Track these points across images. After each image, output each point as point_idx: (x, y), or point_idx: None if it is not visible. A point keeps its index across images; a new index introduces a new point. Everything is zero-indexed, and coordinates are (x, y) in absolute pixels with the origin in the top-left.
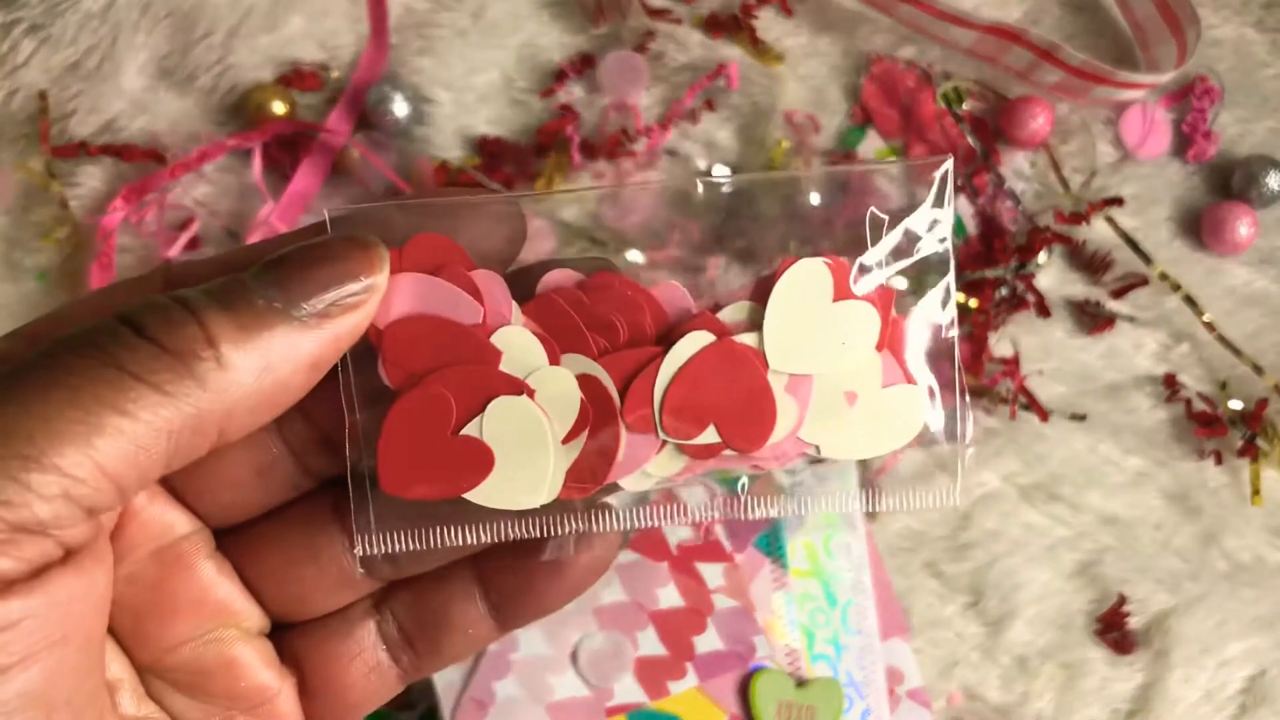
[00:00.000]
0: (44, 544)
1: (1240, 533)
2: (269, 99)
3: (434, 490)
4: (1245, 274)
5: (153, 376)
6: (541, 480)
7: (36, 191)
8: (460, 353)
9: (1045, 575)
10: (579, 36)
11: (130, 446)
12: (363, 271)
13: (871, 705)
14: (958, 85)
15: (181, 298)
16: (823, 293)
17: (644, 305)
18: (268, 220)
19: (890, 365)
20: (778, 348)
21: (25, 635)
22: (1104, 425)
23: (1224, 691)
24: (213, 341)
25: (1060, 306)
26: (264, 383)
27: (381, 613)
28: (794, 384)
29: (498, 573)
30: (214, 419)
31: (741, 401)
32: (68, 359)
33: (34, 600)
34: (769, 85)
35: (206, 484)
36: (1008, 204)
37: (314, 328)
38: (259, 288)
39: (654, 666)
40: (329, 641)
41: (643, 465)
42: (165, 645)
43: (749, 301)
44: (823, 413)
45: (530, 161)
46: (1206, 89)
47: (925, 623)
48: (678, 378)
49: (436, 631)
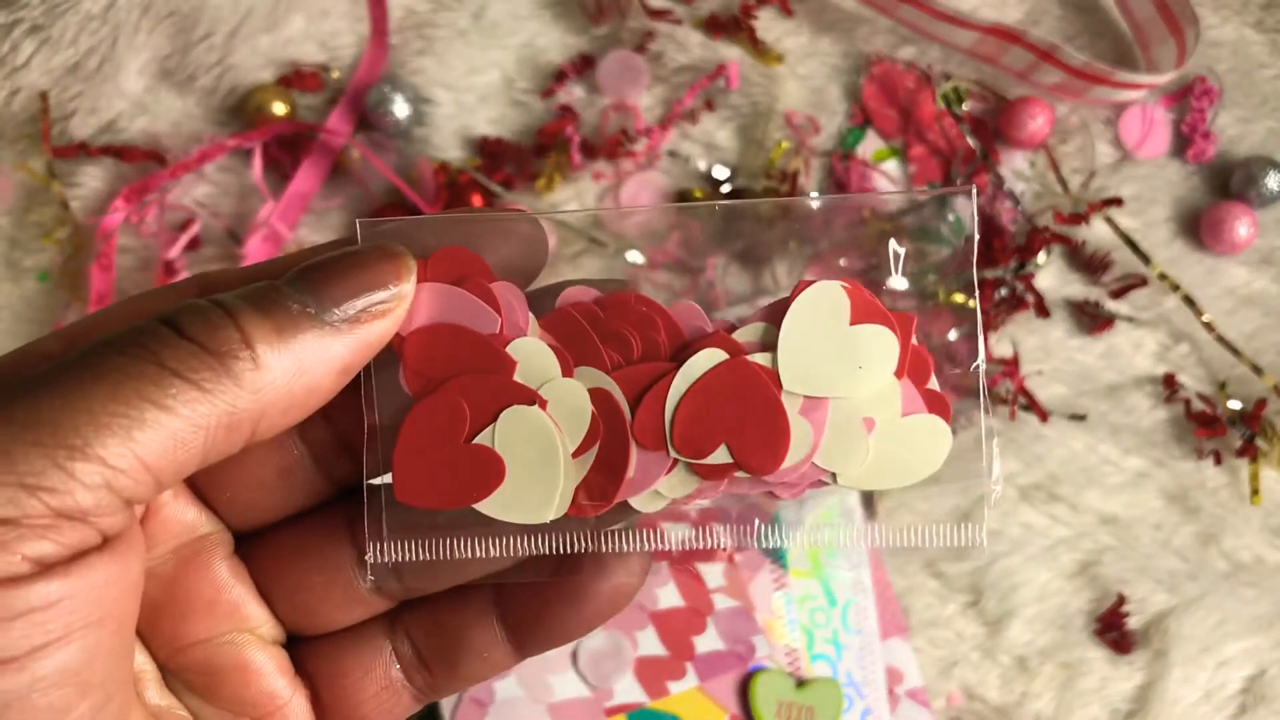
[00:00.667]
0: (84, 531)
1: (1239, 532)
2: (269, 100)
3: (446, 499)
4: (1244, 274)
5: (192, 374)
6: (552, 494)
7: (37, 192)
8: (476, 361)
9: (1045, 575)
10: (579, 37)
11: (169, 440)
12: (391, 280)
13: (871, 705)
14: (957, 86)
15: (220, 301)
16: (839, 315)
17: (659, 322)
18: (268, 220)
19: (910, 393)
20: (792, 369)
21: (64, 614)
22: (1103, 425)
23: (1223, 691)
24: (249, 342)
25: (1060, 307)
26: (296, 384)
27: (397, 632)
28: (808, 407)
29: (516, 598)
30: (248, 417)
31: (754, 421)
32: (111, 355)
33: (72, 582)
34: (769, 85)
35: (229, 481)
36: (1007, 204)
37: (345, 333)
38: (293, 293)
39: (654, 666)
40: (342, 657)
41: (654, 484)
42: (179, 643)
43: (764, 323)
44: (839, 439)
45: (530, 162)
46: (1206, 89)
47: (925, 622)
48: (689, 394)
49: (452, 653)
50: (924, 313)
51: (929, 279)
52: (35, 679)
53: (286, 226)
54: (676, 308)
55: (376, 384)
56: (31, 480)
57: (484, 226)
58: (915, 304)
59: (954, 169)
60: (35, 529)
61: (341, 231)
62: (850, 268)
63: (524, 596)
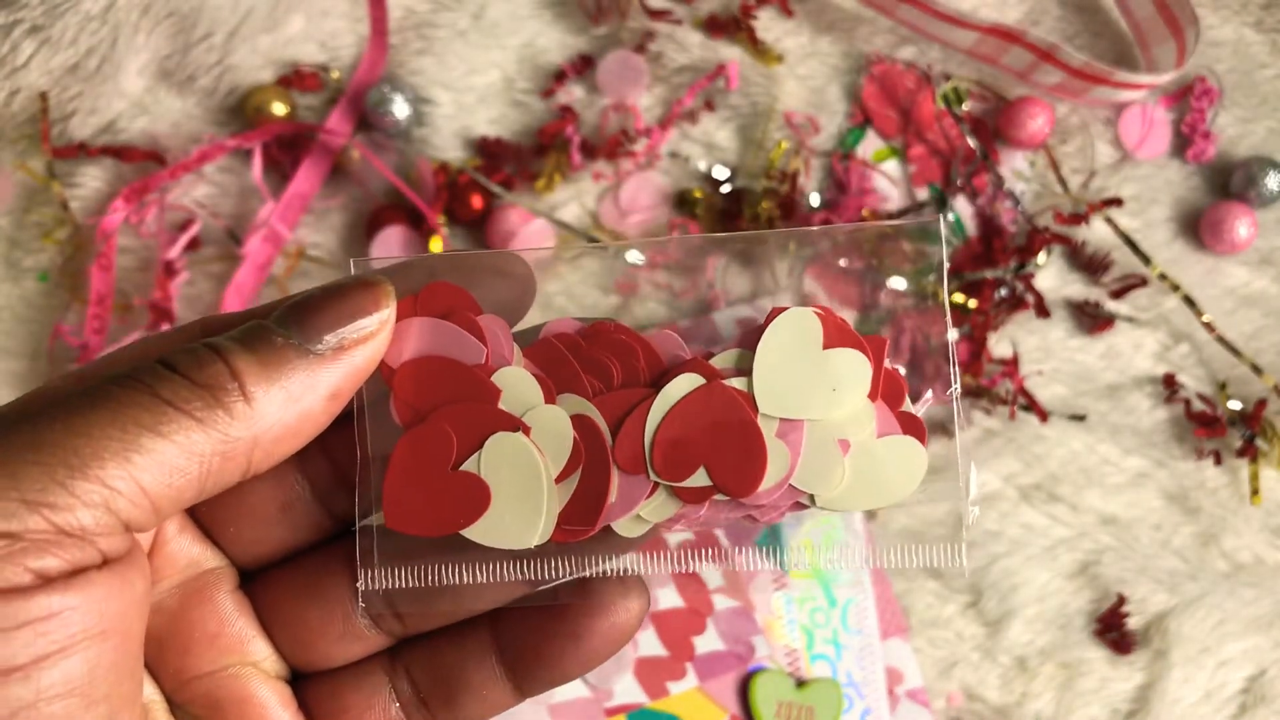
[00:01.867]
0: (85, 549)
1: (1239, 532)
2: (269, 100)
3: (434, 526)
4: (1244, 274)
5: (185, 405)
6: (536, 520)
7: (37, 192)
8: (463, 391)
9: (1044, 575)
10: (579, 37)
11: (165, 466)
12: (371, 306)
13: (871, 705)
14: (957, 86)
15: (210, 343)
16: (812, 340)
17: (638, 349)
18: (268, 221)
19: (885, 415)
20: (767, 392)
21: (65, 626)
22: (1103, 425)
23: (1223, 691)
24: (237, 376)
25: (1060, 307)
26: (287, 412)
27: (396, 670)
28: (785, 429)
29: (514, 636)
30: (243, 446)
31: (731, 444)
32: (110, 388)
33: (72, 596)
34: (769, 85)
35: (232, 515)
36: (1007, 204)
37: (330, 360)
38: (278, 328)
39: (654, 666)
40: (343, 694)
41: (635, 508)
42: (184, 676)
43: (739, 349)
44: (815, 460)
45: (530, 162)
46: (1206, 89)
47: (925, 623)
48: (668, 418)
49: (451, 691)
50: (923, 313)
51: (928, 279)
52: (40, 688)
53: (286, 227)
54: (655, 336)
55: (370, 417)
56: (33, 496)
57: (475, 265)
58: (914, 303)
59: (954, 169)
60: (37, 543)
61: (341, 232)
62: (850, 268)
63: (522, 635)
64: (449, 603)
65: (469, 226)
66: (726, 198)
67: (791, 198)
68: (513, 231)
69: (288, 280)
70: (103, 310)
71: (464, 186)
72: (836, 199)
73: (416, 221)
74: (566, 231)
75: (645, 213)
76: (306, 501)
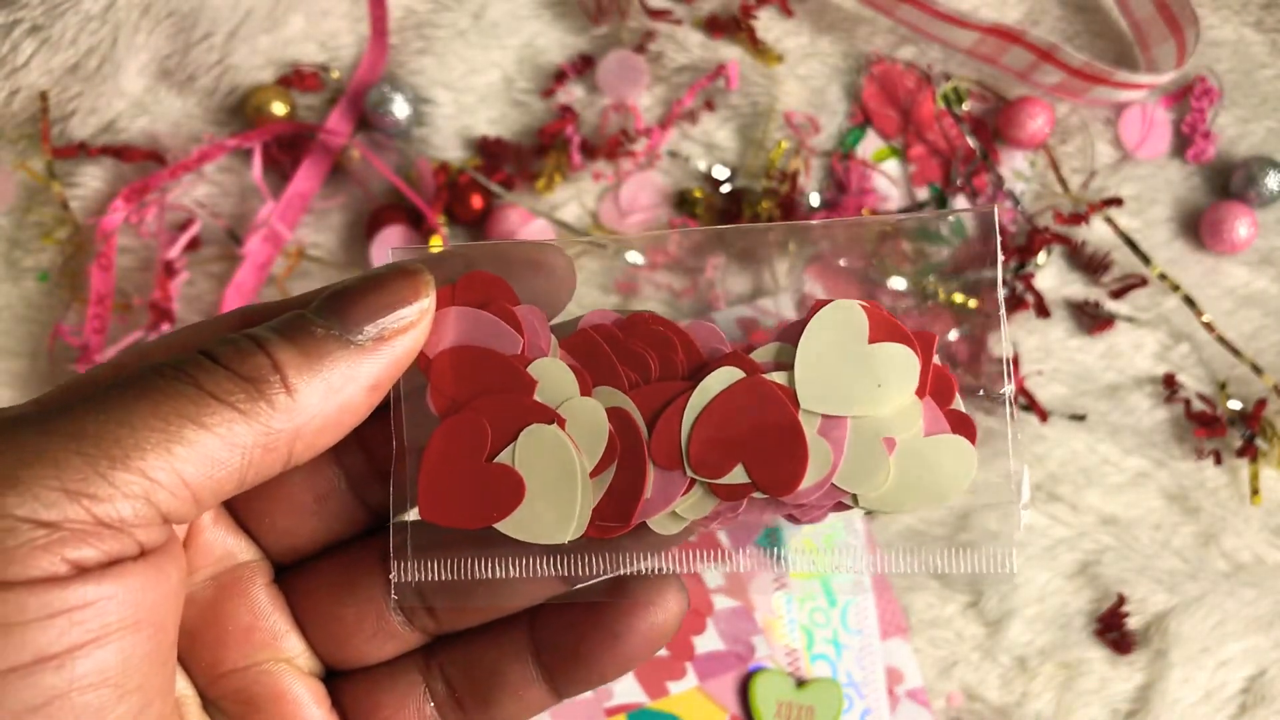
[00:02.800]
0: (123, 540)
1: (1239, 532)
2: (269, 100)
3: (468, 518)
4: (1244, 274)
5: (228, 396)
6: (570, 514)
7: (37, 192)
8: (498, 381)
9: (1045, 575)
10: (579, 36)
11: (207, 458)
12: (411, 296)
13: (871, 705)
14: (957, 86)
15: (250, 334)
16: (857, 333)
17: (676, 342)
18: (268, 220)
19: (933, 413)
20: (809, 387)
21: (99, 615)
22: (1103, 425)
23: (1223, 691)
24: (279, 367)
25: (1060, 307)
26: (328, 404)
27: (431, 670)
28: (827, 426)
29: (551, 636)
30: (284, 438)
31: (771, 440)
32: (152, 379)
33: (108, 586)
34: (769, 85)
35: (268, 506)
36: (1007, 204)
37: (370, 351)
38: (318, 319)
39: (654, 666)
40: (377, 693)
41: (671, 504)
42: (217, 670)
43: (779, 343)
44: (859, 458)
45: (530, 162)
46: (1206, 89)
47: (925, 623)
48: (705, 412)
49: (486, 692)
50: (923, 313)
51: (929, 279)
52: (74, 677)
53: (286, 226)
54: (693, 327)
55: (406, 408)
56: (75, 486)
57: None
58: (915, 303)
59: (954, 169)
60: (76, 533)
61: (341, 232)
62: (850, 267)
63: (560, 633)
64: (481, 598)
65: (469, 226)
66: (726, 198)
67: (791, 197)
68: (513, 232)
69: (287, 280)
70: (103, 310)
71: (464, 186)
72: (836, 199)
73: (416, 221)
74: (566, 231)
75: (645, 212)
76: (342, 493)
